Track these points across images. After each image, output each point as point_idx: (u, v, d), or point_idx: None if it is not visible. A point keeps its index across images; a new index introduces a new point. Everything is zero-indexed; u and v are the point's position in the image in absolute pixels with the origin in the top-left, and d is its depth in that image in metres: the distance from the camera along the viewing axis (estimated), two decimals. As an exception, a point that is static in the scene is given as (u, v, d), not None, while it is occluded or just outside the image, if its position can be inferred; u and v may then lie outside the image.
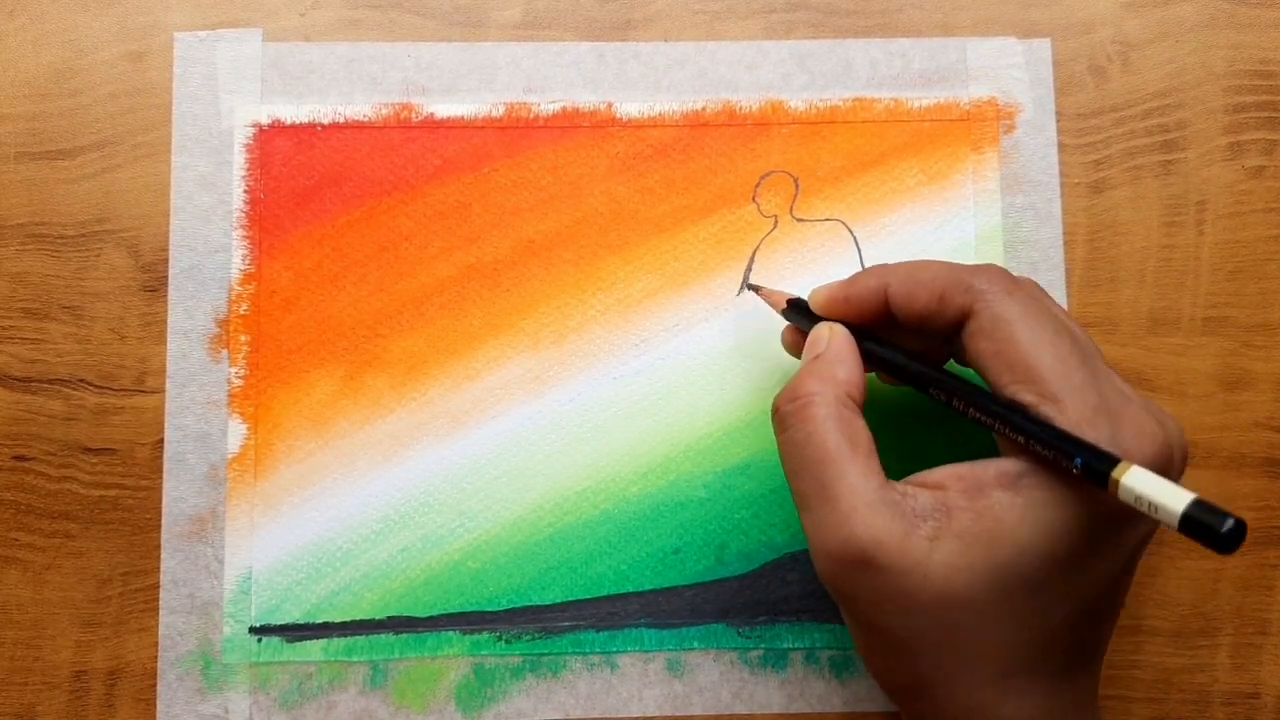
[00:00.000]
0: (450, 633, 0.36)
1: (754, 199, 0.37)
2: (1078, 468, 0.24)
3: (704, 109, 0.38)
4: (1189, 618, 0.36)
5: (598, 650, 0.36)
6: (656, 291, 0.37)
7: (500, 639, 0.36)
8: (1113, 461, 0.24)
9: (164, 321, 0.36)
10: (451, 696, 0.35)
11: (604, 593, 0.36)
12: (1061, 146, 0.38)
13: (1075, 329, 0.29)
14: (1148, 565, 0.36)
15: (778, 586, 0.36)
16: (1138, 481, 0.23)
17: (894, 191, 0.37)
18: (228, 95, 0.37)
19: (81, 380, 0.36)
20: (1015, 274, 0.30)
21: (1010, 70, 0.38)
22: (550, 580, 0.36)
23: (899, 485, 0.27)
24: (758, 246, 0.37)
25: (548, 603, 0.36)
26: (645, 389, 0.37)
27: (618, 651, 0.36)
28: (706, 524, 0.36)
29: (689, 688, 0.36)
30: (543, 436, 0.36)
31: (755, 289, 0.36)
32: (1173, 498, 0.22)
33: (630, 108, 0.38)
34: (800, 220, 0.37)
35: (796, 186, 0.37)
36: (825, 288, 0.32)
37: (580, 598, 0.36)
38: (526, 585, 0.36)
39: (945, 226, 0.37)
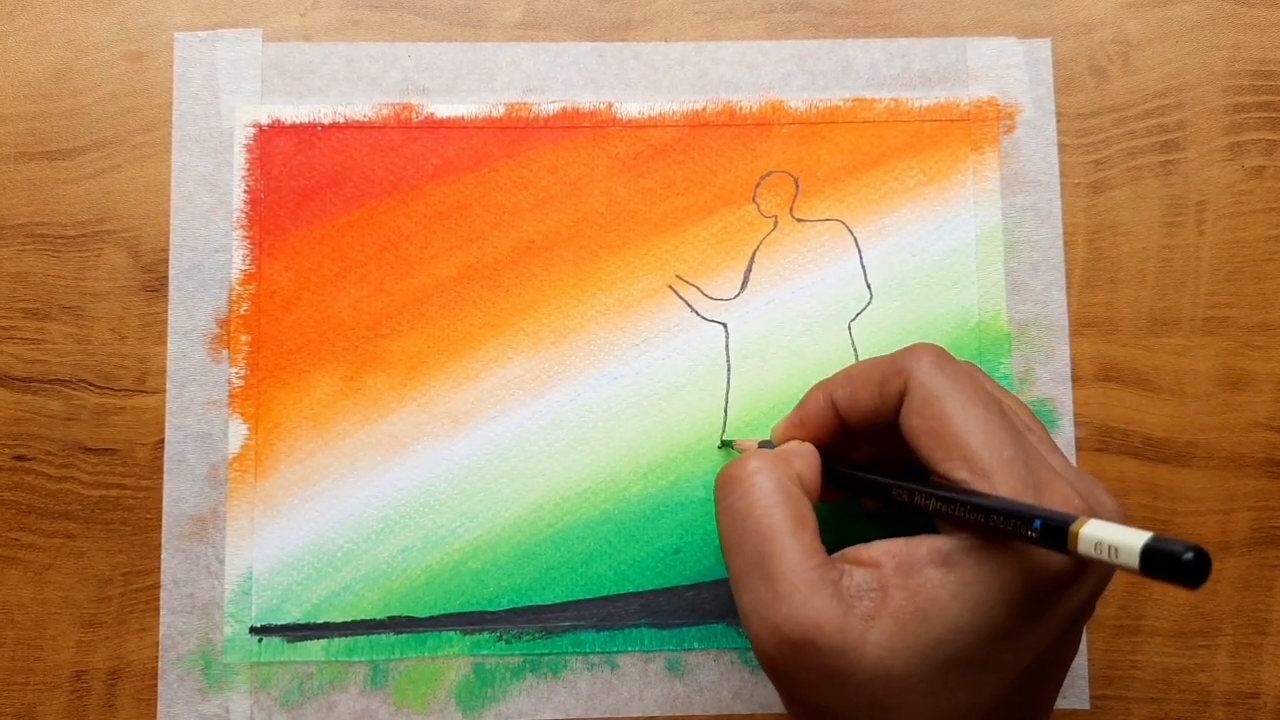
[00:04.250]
0: (451, 633, 0.36)
1: (754, 199, 0.37)
2: (1036, 530, 0.24)
3: (704, 109, 0.38)
4: (1189, 618, 0.36)
5: (598, 650, 0.36)
6: (656, 291, 0.37)
7: (501, 639, 0.36)
8: (1070, 519, 0.24)
9: (164, 321, 0.36)
10: (452, 696, 0.35)
11: (604, 593, 0.36)
12: (1061, 147, 0.38)
13: (1009, 403, 0.29)
14: (1148, 565, 0.36)
15: (778, 586, 0.36)
16: (1096, 530, 0.23)
17: (894, 191, 0.37)
18: (228, 95, 0.37)
19: (82, 380, 0.36)
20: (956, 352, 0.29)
21: (1010, 70, 0.38)
22: (551, 580, 0.36)
23: (835, 563, 0.27)
24: (758, 247, 0.37)
25: (548, 603, 0.36)
26: (645, 389, 0.37)
27: (618, 651, 0.36)
28: (707, 524, 0.36)
29: (689, 688, 0.36)
30: (543, 437, 0.36)
31: (729, 444, 0.36)
32: (1130, 537, 0.22)
33: (630, 108, 0.38)
34: (800, 220, 0.37)
35: (796, 187, 0.37)
36: (781, 421, 0.32)
37: (581, 598, 0.36)
38: (527, 585, 0.36)
39: (945, 227, 0.37)
